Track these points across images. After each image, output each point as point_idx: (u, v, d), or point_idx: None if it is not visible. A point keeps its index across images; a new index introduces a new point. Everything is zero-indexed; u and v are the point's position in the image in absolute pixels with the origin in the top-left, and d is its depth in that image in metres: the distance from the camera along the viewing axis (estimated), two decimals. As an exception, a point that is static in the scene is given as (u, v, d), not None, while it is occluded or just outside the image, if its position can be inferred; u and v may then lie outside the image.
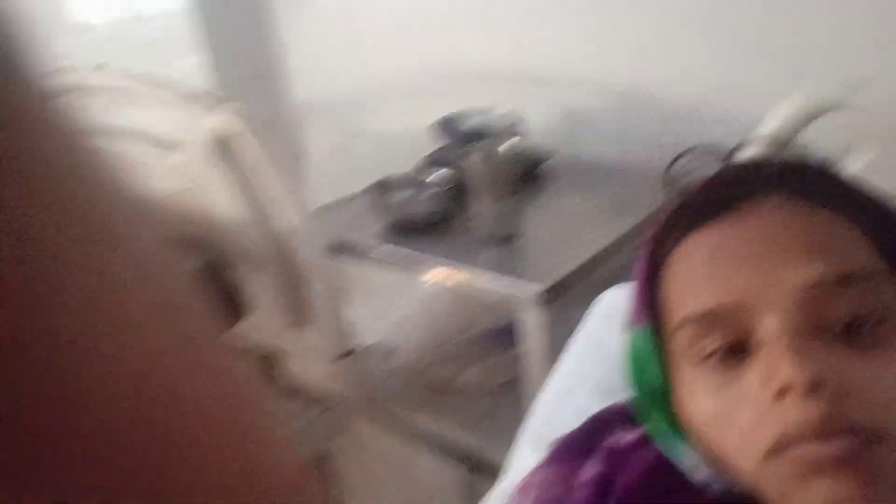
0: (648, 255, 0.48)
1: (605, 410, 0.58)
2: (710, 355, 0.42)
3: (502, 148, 1.23)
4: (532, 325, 1.06)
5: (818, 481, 0.37)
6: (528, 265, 1.13)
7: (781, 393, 0.38)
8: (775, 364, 0.38)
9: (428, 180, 1.30)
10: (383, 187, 1.30)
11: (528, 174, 1.40)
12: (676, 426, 0.47)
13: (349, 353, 1.29)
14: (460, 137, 1.40)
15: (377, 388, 1.43)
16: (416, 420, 1.36)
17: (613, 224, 1.18)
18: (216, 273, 1.14)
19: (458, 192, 1.25)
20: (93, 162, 0.16)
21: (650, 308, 0.48)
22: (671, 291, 0.46)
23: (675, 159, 0.53)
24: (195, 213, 1.09)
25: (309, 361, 1.25)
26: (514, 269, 1.10)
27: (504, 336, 1.35)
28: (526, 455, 0.75)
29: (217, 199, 1.07)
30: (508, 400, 1.29)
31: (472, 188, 1.17)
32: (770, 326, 0.40)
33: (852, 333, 0.40)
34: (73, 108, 0.16)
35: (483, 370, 1.38)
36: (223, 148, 1.05)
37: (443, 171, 1.30)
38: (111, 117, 1.03)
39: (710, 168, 0.50)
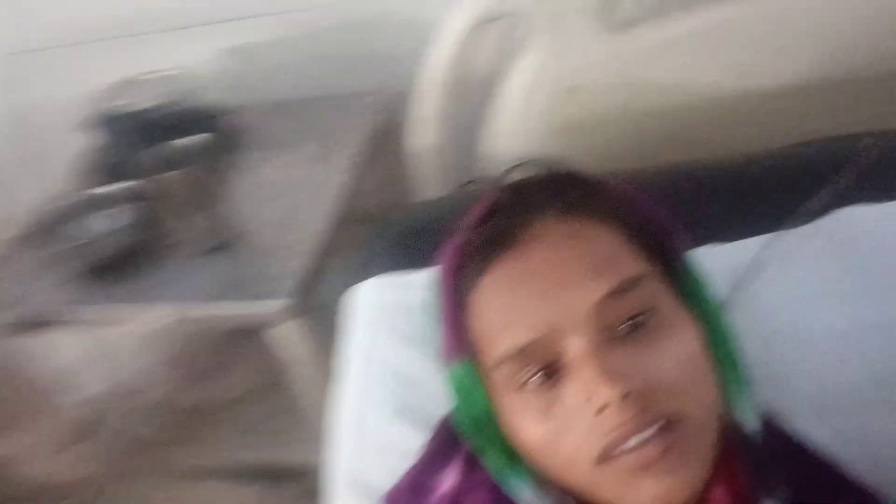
0: (451, 295, 0.51)
1: (428, 448, 0.59)
2: (528, 382, 0.46)
3: (186, 142, 1.04)
4: (285, 339, 0.97)
5: (645, 480, 0.43)
6: (261, 277, 1.00)
7: (601, 410, 0.43)
8: (591, 386, 0.43)
9: (103, 200, 1.06)
10: (43, 224, 1.04)
11: (219, 148, 1.19)
12: (512, 455, 0.50)
13: (88, 430, 1.08)
14: (124, 132, 1.16)
15: (128, 445, 1.23)
16: (188, 456, 1.21)
17: (331, 183, 1.09)
18: None
19: (146, 210, 1.05)
20: None
21: (465, 344, 0.50)
22: (481, 330, 0.49)
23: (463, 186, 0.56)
24: None
25: (40, 460, 1.02)
26: (245, 285, 0.97)
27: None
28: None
29: None
30: (271, 404, 1.20)
31: (165, 202, 0.98)
32: (576, 348, 0.45)
33: (635, 330, 0.46)
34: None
35: (232, 382, 1.26)
36: None
37: (120, 186, 1.08)
38: None
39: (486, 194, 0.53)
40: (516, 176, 0.53)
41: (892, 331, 0.62)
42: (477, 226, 0.51)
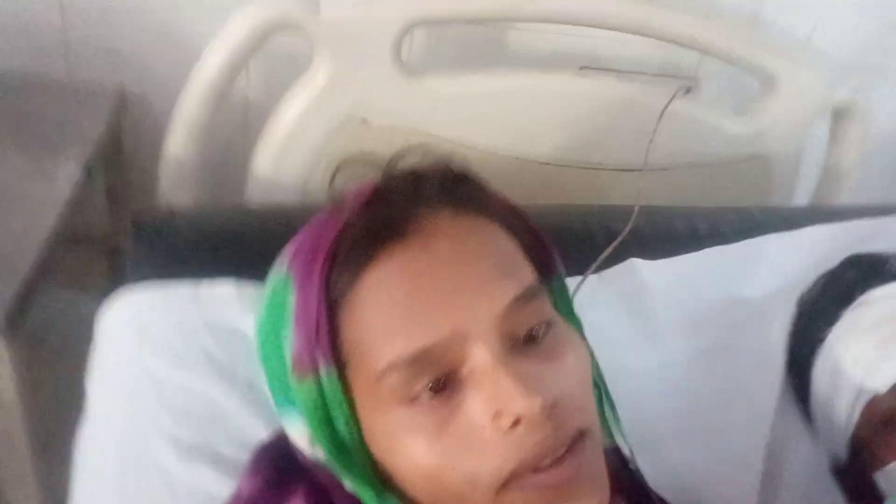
0: (316, 292, 0.41)
1: (252, 483, 0.47)
2: (419, 395, 0.40)
3: None
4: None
5: (561, 491, 0.39)
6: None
7: (515, 425, 0.38)
8: (502, 399, 0.38)
9: None
10: None
11: None
12: (380, 484, 0.42)
13: None
14: None
15: None
16: None
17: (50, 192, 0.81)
18: None
19: None
20: None
21: (332, 351, 0.41)
22: (363, 335, 0.41)
23: (335, 172, 0.49)
24: None
25: None
26: None
27: None
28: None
29: None
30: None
31: None
32: (481, 357, 0.40)
33: (533, 342, 0.42)
34: None
35: None
36: None
37: None
38: None
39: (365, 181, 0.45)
40: (405, 165, 0.46)
41: (674, 370, 0.69)
42: (359, 211, 0.43)
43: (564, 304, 0.50)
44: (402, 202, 0.43)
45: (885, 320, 0.61)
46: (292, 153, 0.86)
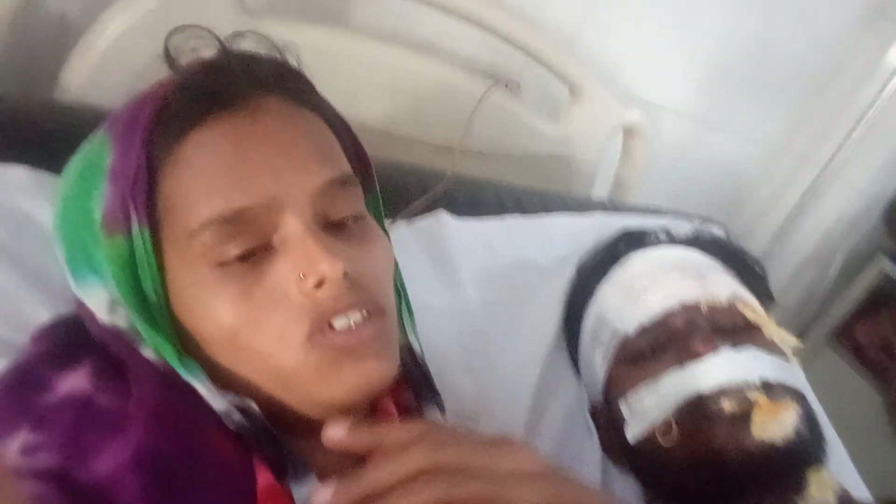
0: (137, 149, 0.42)
1: (32, 353, 0.46)
2: (229, 260, 0.42)
3: None
4: None
5: (349, 365, 0.42)
6: None
7: (319, 284, 0.41)
8: (308, 261, 0.41)
9: None
10: None
11: None
12: (177, 344, 0.43)
13: None
14: None
15: None
16: None
17: None
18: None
19: None
20: None
21: (147, 209, 0.42)
22: (182, 192, 0.42)
23: (170, 35, 0.47)
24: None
25: None
26: None
27: None
28: None
29: None
30: None
31: None
32: (292, 225, 0.42)
33: (344, 229, 0.45)
34: None
35: None
36: None
37: None
38: None
39: (205, 52, 0.47)
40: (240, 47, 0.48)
41: (467, 315, 0.76)
42: (192, 77, 0.44)
43: (377, 220, 0.53)
44: (236, 78, 0.44)
45: (638, 275, 0.71)
46: (108, 77, 0.82)
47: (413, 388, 0.53)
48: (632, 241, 0.76)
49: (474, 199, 0.89)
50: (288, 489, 0.42)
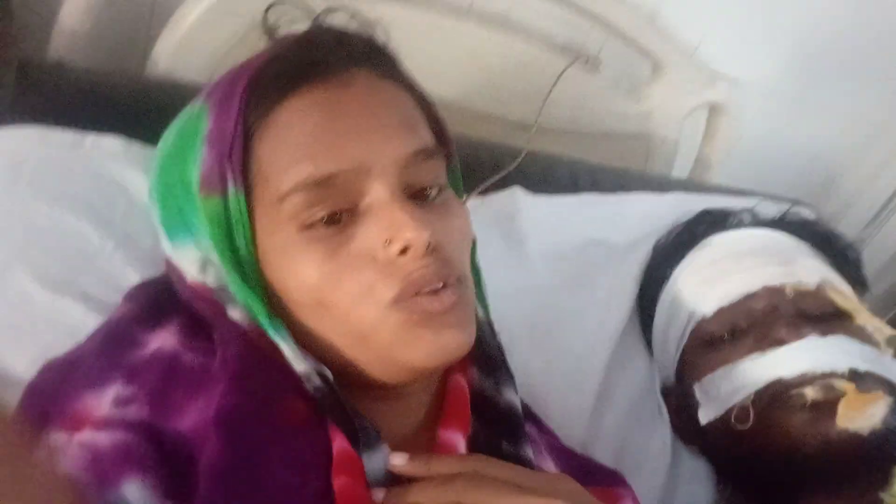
0: (235, 115, 0.44)
1: (124, 313, 0.49)
2: (316, 222, 0.43)
3: None
4: None
5: (430, 330, 0.43)
6: None
7: (404, 251, 0.42)
8: (395, 227, 0.42)
9: None
10: None
11: None
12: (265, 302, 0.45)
13: None
14: None
15: None
16: None
17: None
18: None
19: None
20: None
21: (242, 171, 0.44)
22: (274, 157, 0.44)
23: (269, 8, 0.50)
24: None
25: None
26: None
27: None
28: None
29: None
30: None
31: None
32: (380, 192, 0.44)
33: (426, 199, 0.46)
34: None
35: None
36: None
37: None
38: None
39: (299, 25, 0.49)
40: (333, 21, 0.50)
41: (538, 292, 0.75)
42: (288, 49, 0.47)
43: (457, 192, 0.54)
44: (328, 51, 0.46)
45: (719, 258, 0.69)
46: (194, 53, 0.85)
47: (487, 364, 0.52)
48: (713, 222, 0.73)
49: (549, 176, 0.88)
50: (359, 456, 0.43)
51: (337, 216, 0.43)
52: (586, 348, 0.73)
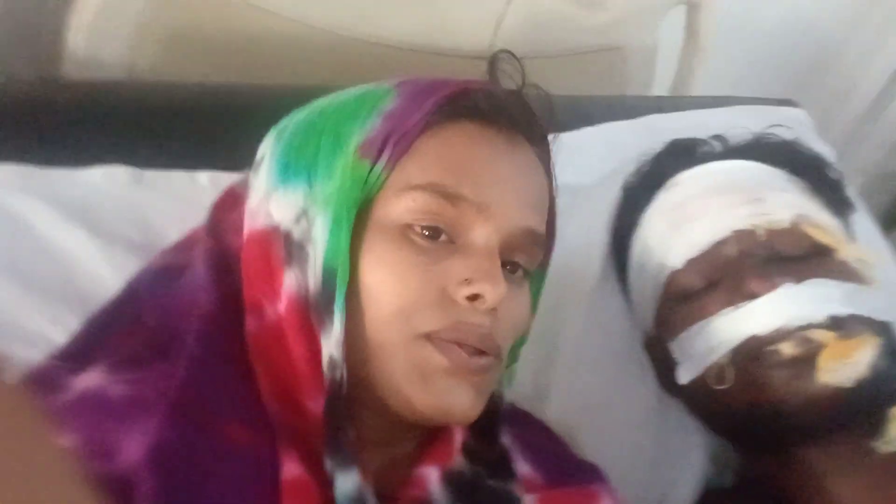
0: (427, 112, 0.47)
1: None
2: (416, 226, 0.45)
3: None
4: None
5: (445, 382, 0.44)
6: None
7: (473, 298, 0.44)
8: (482, 272, 0.44)
9: None
10: None
11: None
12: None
13: None
14: None
15: None
16: None
17: None
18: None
19: None
20: None
21: (395, 150, 0.46)
22: (426, 158, 0.46)
23: (494, 56, 0.52)
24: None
25: None
26: None
27: None
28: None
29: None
30: None
31: None
32: (488, 238, 0.46)
33: (511, 273, 0.48)
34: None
35: None
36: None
37: None
38: None
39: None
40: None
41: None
42: (493, 91, 0.50)
43: (535, 293, 0.53)
44: (520, 114, 0.50)
45: (686, 200, 0.63)
46: (111, 24, 0.78)
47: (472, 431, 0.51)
48: (679, 156, 0.67)
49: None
50: (326, 476, 0.42)
51: (438, 234, 0.45)
52: (560, 301, 0.68)
